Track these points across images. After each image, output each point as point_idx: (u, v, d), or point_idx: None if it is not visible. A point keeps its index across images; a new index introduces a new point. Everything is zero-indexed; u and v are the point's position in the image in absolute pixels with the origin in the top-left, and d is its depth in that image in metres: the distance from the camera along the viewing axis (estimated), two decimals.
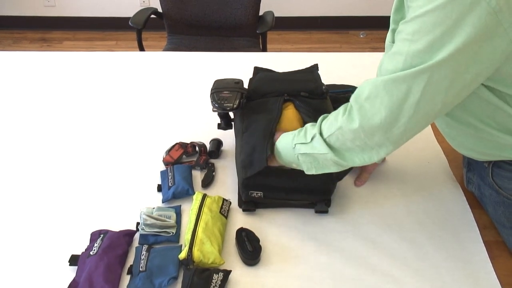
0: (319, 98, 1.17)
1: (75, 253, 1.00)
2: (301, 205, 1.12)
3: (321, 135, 0.94)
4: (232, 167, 1.21)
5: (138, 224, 1.05)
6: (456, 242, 1.04)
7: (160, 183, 1.18)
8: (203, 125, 1.38)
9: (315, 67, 1.31)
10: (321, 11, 3.61)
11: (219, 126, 1.28)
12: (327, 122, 0.94)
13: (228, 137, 1.30)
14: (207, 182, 1.18)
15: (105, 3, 3.56)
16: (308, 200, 1.10)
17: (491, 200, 1.07)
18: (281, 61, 1.68)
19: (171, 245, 1.02)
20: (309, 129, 0.98)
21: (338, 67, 1.64)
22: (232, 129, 1.27)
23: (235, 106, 1.14)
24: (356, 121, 0.85)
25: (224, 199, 1.10)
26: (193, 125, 1.40)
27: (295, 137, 1.00)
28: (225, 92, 1.17)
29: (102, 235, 1.02)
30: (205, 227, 1.00)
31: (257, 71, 1.33)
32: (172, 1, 2.38)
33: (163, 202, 1.13)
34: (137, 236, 1.04)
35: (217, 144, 1.28)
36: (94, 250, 0.97)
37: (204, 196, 1.08)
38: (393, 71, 0.81)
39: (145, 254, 0.97)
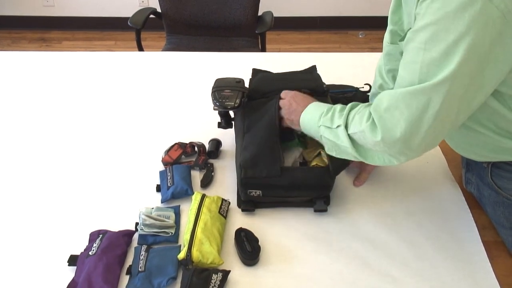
0: (320, 96, 1.17)
1: (74, 253, 0.99)
2: (300, 204, 1.12)
3: (346, 128, 0.93)
4: (231, 167, 1.21)
5: (137, 224, 1.05)
6: (455, 242, 1.04)
7: (159, 183, 1.17)
8: (202, 125, 1.38)
9: (313, 68, 1.31)
10: (320, 11, 3.61)
11: (220, 125, 1.28)
12: (353, 119, 0.92)
13: (228, 137, 1.30)
14: (206, 182, 1.18)
15: (104, 3, 3.55)
16: (307, 196, 1.10)
17: (490, 200, 1.07)
18: (280, 61, 1.68)
19: (170, 245, 1.02)
20: (337, 114, 0.96)
21: (337, 67, 1.64)
22: (232, 128, 1.27)
23: (236, 105, 1.14)
24: (378, 134, 0.85)
25: (223, 199, 1.10)
26: (192, 125, 1.40)
27: (321, 117, 0.98)
28: (226, 91, 1.17)
29: (101, 235, 1.02)
30: (204, 227, 1.00)
31: (256, 72, 1.32)
32: (171, 1, 2.37)
33: (162, 202, 1.13)
34: (136, 236, 1.04)
35: (216, 144, 1.28)
36: (93, 250, 0.97)
37: (203, 196, 1.08)
38: (410, 80, 0.81)
39: (144, 254, 0.97)
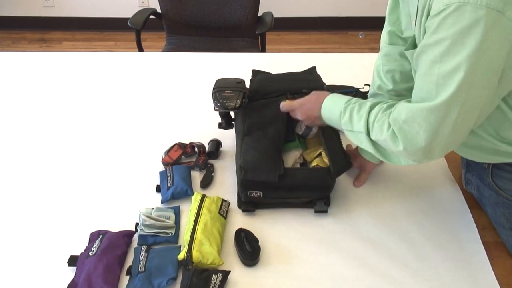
0: None
1: (74, 254, 0.99)
2: (300, 205, 1.11)
3: (368, 135, 0.94)
4: (231, 168, 1.21)
5: (137, 224, 1.05)
6: (455, 242, 1.04)
7: (159, 184, 1.18)
8: (202, 126, 1.38)
9: (313, 69, 1.31)
10: (320, 11, 3.60)
11: (220, 126, 1.28)
12: (373, 127, 0.93)
13: (227, 138, 1.30)
14: (206, 183, 1.18)
15: (104, 3, 3.55)
16: (308, 197, 1.10)
17: (490, 201, 1.07)
18: (280, 61, 1.68)
19: (170, 246, 1.02)
20: (355, 117, 0.96)
21: (337, 68, 1.64)
22: (233, 129, 1.27)
23: (237, 105, 1.14)
24: (400, 144, 0.87)
25: (223, 200, 1.10)
26: (192, 125, 1.40)
27: (341, 117, 0.98)
28: (227, 92, 1.17)
29: (101, 236, 1.02)
30: (204, 227, 1.00)
31: (256, 73, 1.32)
32: (171, 1, 2.37)
33: (162, 203, 1.13)
34: (136, 237, 1.04)
35: (216, 144, 1.28)
36: (93, 251, 0.97)
37: (203, 197, 1.08)
38: (427, 91, 0.84)
39: (144, 254, 0.97)
